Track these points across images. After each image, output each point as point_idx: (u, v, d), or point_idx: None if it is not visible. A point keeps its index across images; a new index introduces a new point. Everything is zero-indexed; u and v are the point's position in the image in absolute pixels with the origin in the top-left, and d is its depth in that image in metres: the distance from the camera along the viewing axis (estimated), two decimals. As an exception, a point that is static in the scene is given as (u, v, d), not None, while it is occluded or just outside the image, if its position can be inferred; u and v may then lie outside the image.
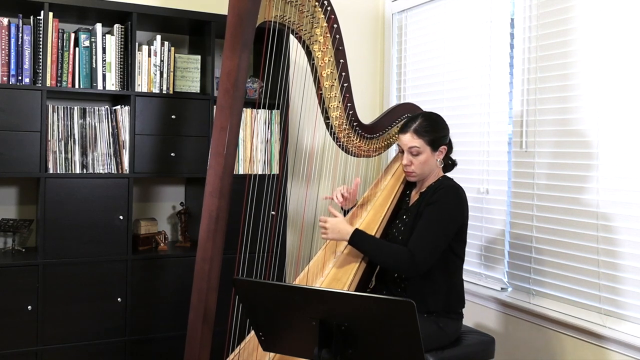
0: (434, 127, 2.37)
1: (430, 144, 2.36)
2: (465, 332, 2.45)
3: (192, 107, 2.98)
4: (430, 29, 3.41)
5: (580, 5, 2.51)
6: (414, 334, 1.52)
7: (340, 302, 1.60)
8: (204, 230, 2.16)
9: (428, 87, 3.41)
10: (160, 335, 2.92)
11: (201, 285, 2.17)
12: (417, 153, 2.36)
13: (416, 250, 2.23)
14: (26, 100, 2.67)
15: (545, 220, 2.64)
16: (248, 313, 1.77)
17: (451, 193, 2.31)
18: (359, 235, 2.32)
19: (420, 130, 2.36)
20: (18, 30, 2.69)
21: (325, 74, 2.46)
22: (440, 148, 2.39)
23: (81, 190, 2.77)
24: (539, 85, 2.69)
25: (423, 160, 2.37)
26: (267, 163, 3.14)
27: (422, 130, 2.35)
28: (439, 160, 2.41)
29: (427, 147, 2.36)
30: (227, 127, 2.13)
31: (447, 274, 2.34)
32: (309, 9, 2.38)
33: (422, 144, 2.36)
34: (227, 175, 2.15)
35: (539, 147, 2.69)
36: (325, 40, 2.43)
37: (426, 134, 2.35)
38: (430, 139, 2.35)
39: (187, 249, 3.08)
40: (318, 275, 2.40)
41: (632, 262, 2.30)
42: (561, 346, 2.57)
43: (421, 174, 2.40)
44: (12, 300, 2.65)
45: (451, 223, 2.29)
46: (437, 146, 2.38)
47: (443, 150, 2.41)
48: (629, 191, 2.32)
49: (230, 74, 2.13)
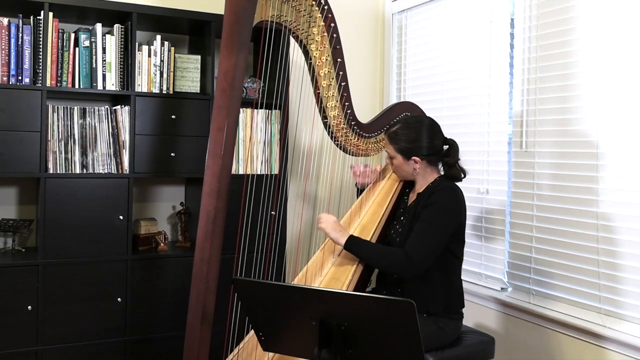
0: (408, 136, 2.34)
1: (400, 152, 2.35)
2: (465, 332, 2.45)
3: (192, 107, 2.98)
4: (430, 29, 3.41)
5: (580, 5, 2.51)
6: (414, 334, 1.52)
7: (340, 302, 1.59)
8: (201, 230, 2.16)
9: (428, 87, 3.41)
10: (160, 335, 2.92)
11: (199, 286, 2.17)
12: (391, 157, 2.39)
13: (413, 253, 2.22)
14: (26, 100, 2.67)
15: (545, 220, 2.64)
16: (248, 313, 1.77)
17: (448, 194, 2.30)
18: (354, 240, 2.31)
19: (393, 136, 2.36)
20: (18, 30, 2.69)
21: (323, 73, 2.46)
22: (413, 158, 2.35)
23: (81, 190, 2.77)
24: (539, 85, 2.69)
25: (397, 165, 2.39)
26: (267, 163, 3.14)
27: (395, 136, 2.36)
28: (415, 169, 2.37)
29: (397, 154, 2.36)
30: (225, 127, 2.12)
31: (446, 274, 2.34)
32: (305, 8, 2.37)
33: (392, 151, 2.37)
34: (225, 176, 2.14)
35: (539, 147, 2.69)
36: (323, 39, 2.43)
37: (397, 142, 2.35)
38: (399, 147, 2.35)
39: (187, 249, 3.08)
40: (317, 275, 2.40)
41: (632, 262, 2.30)
42: (561, 346, 2.57)
43: (400, 176, 2.44)
44: (12, 300, 2.65)
45: (448, 224, 2.28)
46: (409, 156, 2.35)
47: (417, 161, 2.35)
48: (629, 191, 2.32)
49: (227, 74, 2.12)
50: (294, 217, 3.51)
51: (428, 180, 2.40)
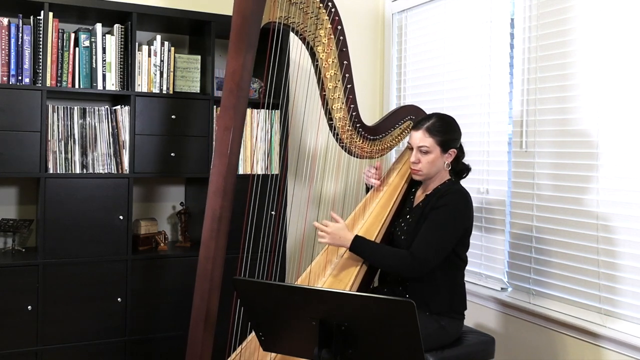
0: (447, 128, 2.37)
1: (440, 145, 2.35)
2: (465, 332, 2.45)
3: (192, 107, 2.98)
4: (430, 29, 3.41)
5: (580, 6, 2.51)
6: (414, 334, 1.52)
7: (340, 302, 1.59)
8: (207, 229, 2.17)
9: (428, 87, 3.41)
10: (160, 335, 2.92)
11: (204, 285, 2.17)
12: (427, 152, 2.36)
13: (419, 253, 2.23)
14: (26, 100, 2.67)
15: (545, 220, 2.64)
16: (248, 313, 1.77)
17: (458, 198, 2.31)
18: (360, 242, 2.31)
19: (432, 129, 2.35)
20: (18, 30, 2.69)
21: (329, 75, 2.46)
22: (450, 151, 2.39)
23: (81, 190, 2.77)
24: (539, 85, 2.69)
25: (431, 160, 2.36)
26: (268, 163, 3.14)
27: (434, 129, 2.35)
28: (446, 163, 2.40)
29: (437, 147, 2.35)
30: (231, 127, 2.13)
31: (450, 275, 2.35)
32: (313, 10, 2.38)
33: (432, 144, 2.35)
34: (231, 175, 2.15)
35: (539, 147, 2.69)
36: (330, 41, 2.43)
37: (438, 134, 2.35)
38: (441, 139, 2.35)
39: (187, 249, 3.08)
40: (320, 276, 2.40)
41: (632, 262, 2.30)
42: (561, 346, 2.57)
43: (427, 173, 2.39)
44: (12, 300, 2.65)
45: (456, 228, 2.29)
46: (447, 148, 2.37)
47: (452, 154, 2.40)
48: (629, 191, 2.32)
49: (235, 74, 2.13)
50: (298, 217, 3.51)
51: (439, 180, 2.41)
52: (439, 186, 2.39)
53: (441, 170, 2.41)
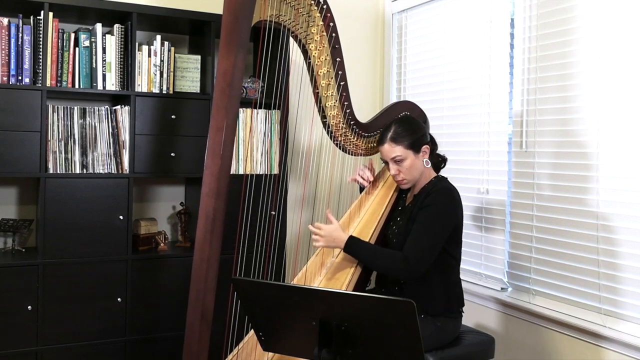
0: (409, 129, 2.36)
1: (410, 147, 2.35)
2: (465, 332, 2.45)
3: (192, 107, 2.98)
4: (430, 29, 3.41)
5: (581, 5, 2.51)
6: (414, 334, 1.52)
7: (340, 302, 1.59)
8: (201, 230, 2.16)
9: (428, 87, 3.41)
10: (160, 335, 2.92)
11: (199, 286, 2.17)
12: (401, 160, 2.35)
13: (410, 255, 2.22)
14: (26, 100, 2.67)
15: (545, 220, 2.64)
16: (248, 313, 1.77)
17: (443, 195, 2.30)
18: (353, 242, 2.31)
19: (396, 137, 2.35)
20: (18, 30, 2.69)
21: (322, 72, 2.46)
22: (423, 148, 2.38)
23: (81, 190, 2.77)
24: (539, 85, 2.69)
25: (409, 166, 2.36)
26: (267, 163, 3.14)
27: (398, 136, 2.35)
28: (425, 161, 2.39)
29: (408, 151, 2.35)
30: (224, 127, 2.12)
31: (444, 274, 2.34)
32: (304, 7, 2.37)
33: (402, 150, 2.34)
34: (224, 176, 2.14)
35: (539, 147, 2.69)
36: (322, 39, 2.43)
37: (403, 139, 2.34)
38: (408, 142, 2.34)
39: (187, 249, 3.08)
40: (316, 275, 2.40)
41: (632, 262, 2.30)
42: (561, 346, 2.57)
43: (412, 179, 2.39)
44: (12, 300, 2.65)
45: (445, 226, 2.29)
46: (419, 147, 2.37)
47: (426, 150, 2.39)
48: (628, 191, 2.32)
49: (226, 74, 2.12)
50: (294, 216, 3.51)
51: (425, 180, 2.41)
52: (426, 185, 2.39)
53: (423, 169, 2.40)
